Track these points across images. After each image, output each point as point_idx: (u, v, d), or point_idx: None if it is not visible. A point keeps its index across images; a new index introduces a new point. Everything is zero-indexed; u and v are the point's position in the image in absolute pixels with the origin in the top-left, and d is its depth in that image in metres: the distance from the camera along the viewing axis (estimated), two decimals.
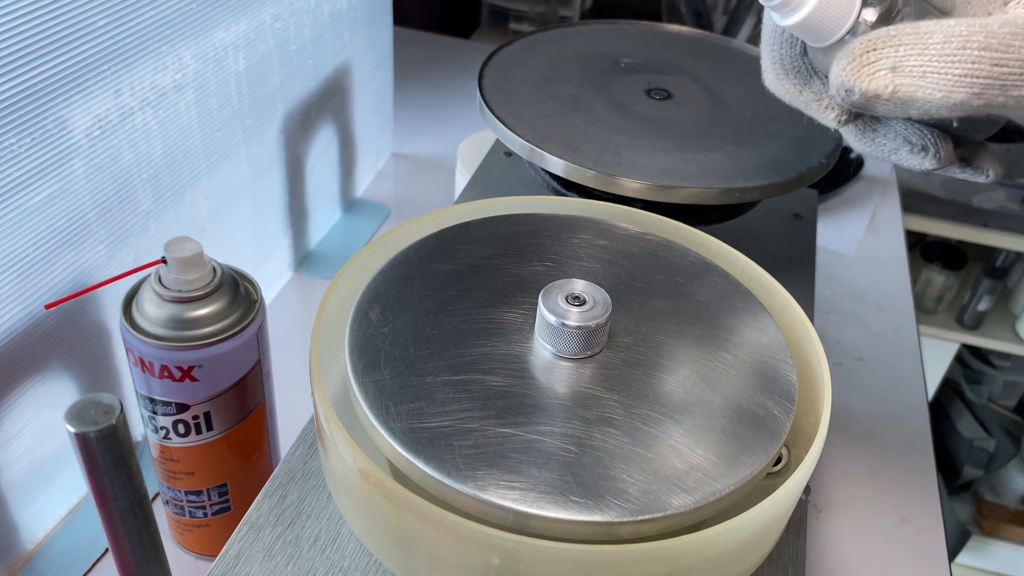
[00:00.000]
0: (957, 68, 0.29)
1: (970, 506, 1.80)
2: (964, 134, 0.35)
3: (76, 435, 0.34)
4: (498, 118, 0.51)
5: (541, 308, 0.35)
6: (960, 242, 1.77)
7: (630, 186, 0.47)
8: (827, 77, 0.33)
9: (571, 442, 0.31)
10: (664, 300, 0.39)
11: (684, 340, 0.37)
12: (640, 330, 0.37)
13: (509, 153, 0.65)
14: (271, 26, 0.63)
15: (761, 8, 0.40)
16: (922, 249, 1.81)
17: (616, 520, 0.29)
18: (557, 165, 0.48)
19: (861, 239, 0.89)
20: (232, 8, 0.57)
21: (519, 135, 0.50)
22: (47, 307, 0.47)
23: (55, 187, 0.46)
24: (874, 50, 0.30)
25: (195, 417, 0.45)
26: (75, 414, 0.34)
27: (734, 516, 0.29)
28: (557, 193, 0.54)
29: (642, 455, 0.31)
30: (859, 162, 0.98)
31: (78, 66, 0.45)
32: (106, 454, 0.35)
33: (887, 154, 0.35)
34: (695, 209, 0.51)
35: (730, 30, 1.31)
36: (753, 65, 0.63)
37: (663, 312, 0.38)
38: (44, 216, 0.46)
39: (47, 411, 0.50)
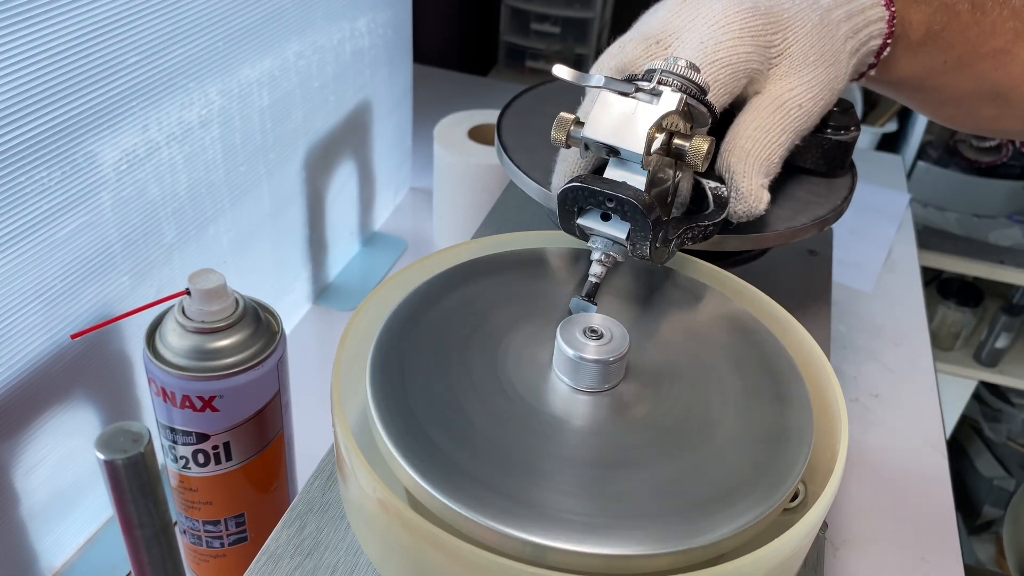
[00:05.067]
0: (779, 154, 0.44)
1: (990, 546, 1.77)
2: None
3: (105, 462, 0.35)
4: (516, 165, 0.52)
5: (559, 341, 0.35)
6: (976, 279, 1.77)
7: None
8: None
9: (588, 476, 0.32)
10: (681, 334, 0.39)
11: (701, 375, 0.37)
12: (657, 364, 0.37)
13: None
14: (295, 64, 0.64)
15: None
16: (938, 286, 1.81)
17: (633, 554, 0.29)
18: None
19: (877, 275, 0.89)
20: (257, 46, 0.59)
21: (536, 181, 0.50)
22: (73, 337, 0.47)
23: (83, 219, 0.47)
24: (762, 186, 0.43)
25: (215, 447, 0.45)
26: (105, 441, 0.35)
27: (751, 552, 0.29)
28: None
29: (659, 489, 0.31)
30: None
31: (108, 102, 0.47)
32: (133, 481, 0.35)
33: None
34: (716, 253, 0.51)
35: None
36: None
37: (680, 346, 0.38)
38: (71, 248, 0.47)
39: (70, 439, 0.51)
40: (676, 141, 0.38)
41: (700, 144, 0.37)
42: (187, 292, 0.43)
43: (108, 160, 0.48)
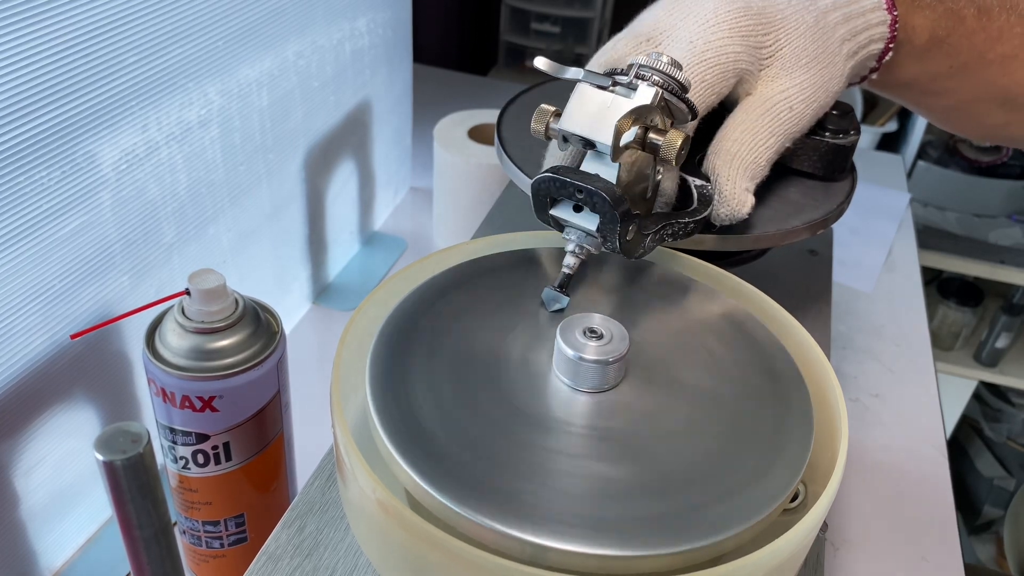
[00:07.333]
0: (766, 157, 0.44)
1: (991, 546, 1.77)
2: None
3: (104, 463, 0.35)
4: (516, 164, 0.52)
5: (559, 342, 0.35)
6: (976, 279, 1.77)
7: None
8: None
9: (588, 475, 0.32)
10: (681, 334, 0.39)
11: (700, 376, 0.37)
12: (657, 364, 0.37)
13: None
14: (294, 63, 0.64)
15: None
16: (938, 285, 1.81)
17: (633, 554, 0.29)
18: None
19: (877, 275, 0.89)
20: (257, 46, 0.59)
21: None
22: (72, 337, 0.47)
23: (82, 219, 0.47)
24: (746, 190, 0.43)
25: (214, 447, 0.45)
26: (104, 442, 0.35)
27: (751, 552, 0.29)
28: None
29: (658, 490, 0.31)
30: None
31: (108, 102, 0.47)
32: (132, 482, 0.35)
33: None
34: (716, 253, 0.51)
35: None
36: None
37: (680, 346, 0.38)
38: (71, 247, 0.47)
39: (69, 439, 0.51)
40: (651, 135, 0.38)
41: (674, 139, 0.37)
42: (187, 292, 0.43)
43: (108, 160, 0.48)
